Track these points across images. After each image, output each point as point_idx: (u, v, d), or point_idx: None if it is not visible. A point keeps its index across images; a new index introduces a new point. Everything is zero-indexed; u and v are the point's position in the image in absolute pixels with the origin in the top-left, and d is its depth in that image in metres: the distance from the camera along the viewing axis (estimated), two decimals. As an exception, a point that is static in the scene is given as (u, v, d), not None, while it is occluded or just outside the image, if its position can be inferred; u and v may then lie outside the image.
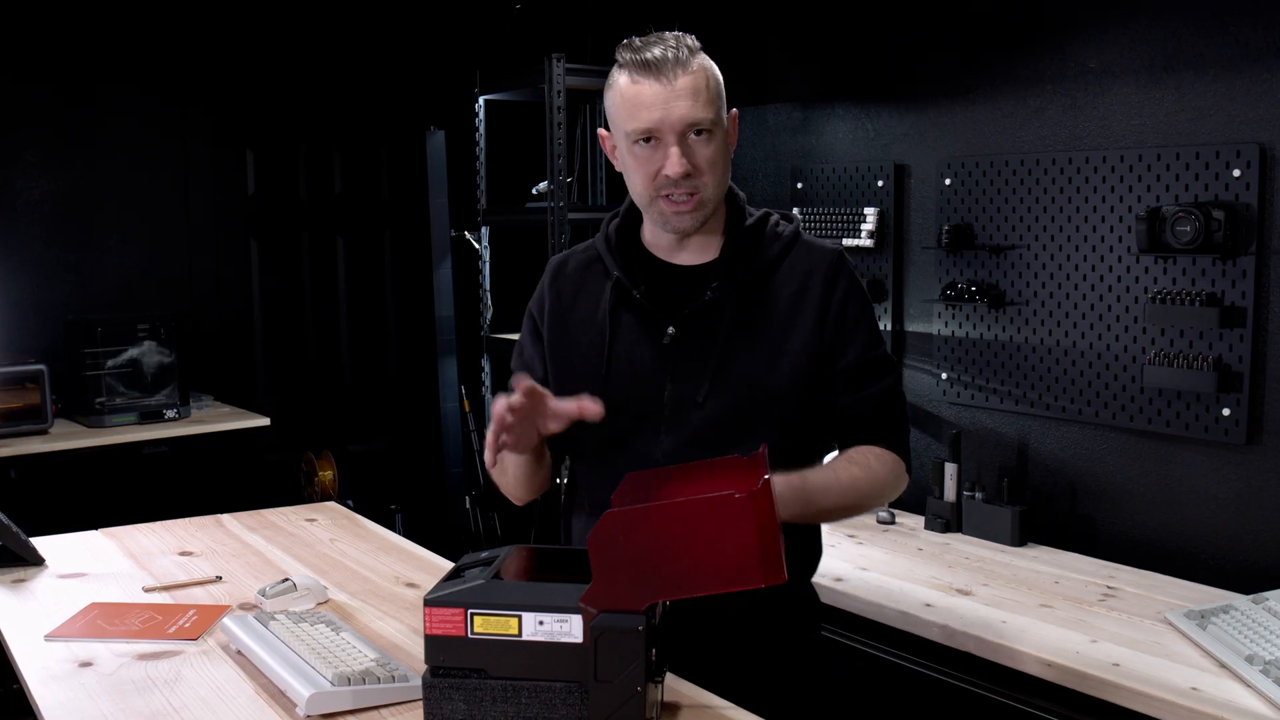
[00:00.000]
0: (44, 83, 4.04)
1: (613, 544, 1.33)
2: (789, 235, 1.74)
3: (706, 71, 1.64)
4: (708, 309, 1.67)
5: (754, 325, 1.67)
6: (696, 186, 1.63)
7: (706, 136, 1.62)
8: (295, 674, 1.56)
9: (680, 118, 1.59)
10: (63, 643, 1.79)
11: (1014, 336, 2.92)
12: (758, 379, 1.65)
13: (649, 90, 1.60)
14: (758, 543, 1.31)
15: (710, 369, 1.65)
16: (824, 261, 1.71)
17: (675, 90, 1.59)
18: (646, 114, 1.60)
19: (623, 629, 1.34)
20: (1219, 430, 2.49)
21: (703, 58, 1.65)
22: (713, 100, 1.62)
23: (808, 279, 1.69)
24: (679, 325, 1.67)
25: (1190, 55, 2.52)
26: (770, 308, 1.68)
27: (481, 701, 1.38)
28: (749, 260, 1.70)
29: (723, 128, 1.65)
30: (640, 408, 1.67)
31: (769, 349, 1.66)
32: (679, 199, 1.63)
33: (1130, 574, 2.56)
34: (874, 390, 1.71)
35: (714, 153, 1.63)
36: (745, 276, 1.69)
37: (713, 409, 1.64)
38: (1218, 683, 1.92)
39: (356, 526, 2.54)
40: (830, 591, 2.50)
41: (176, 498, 3.51)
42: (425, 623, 1.40)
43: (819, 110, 3.46)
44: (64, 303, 4.07)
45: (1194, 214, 2.43)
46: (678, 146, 1.60)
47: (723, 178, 1.67)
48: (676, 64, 1.60)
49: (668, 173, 1.61)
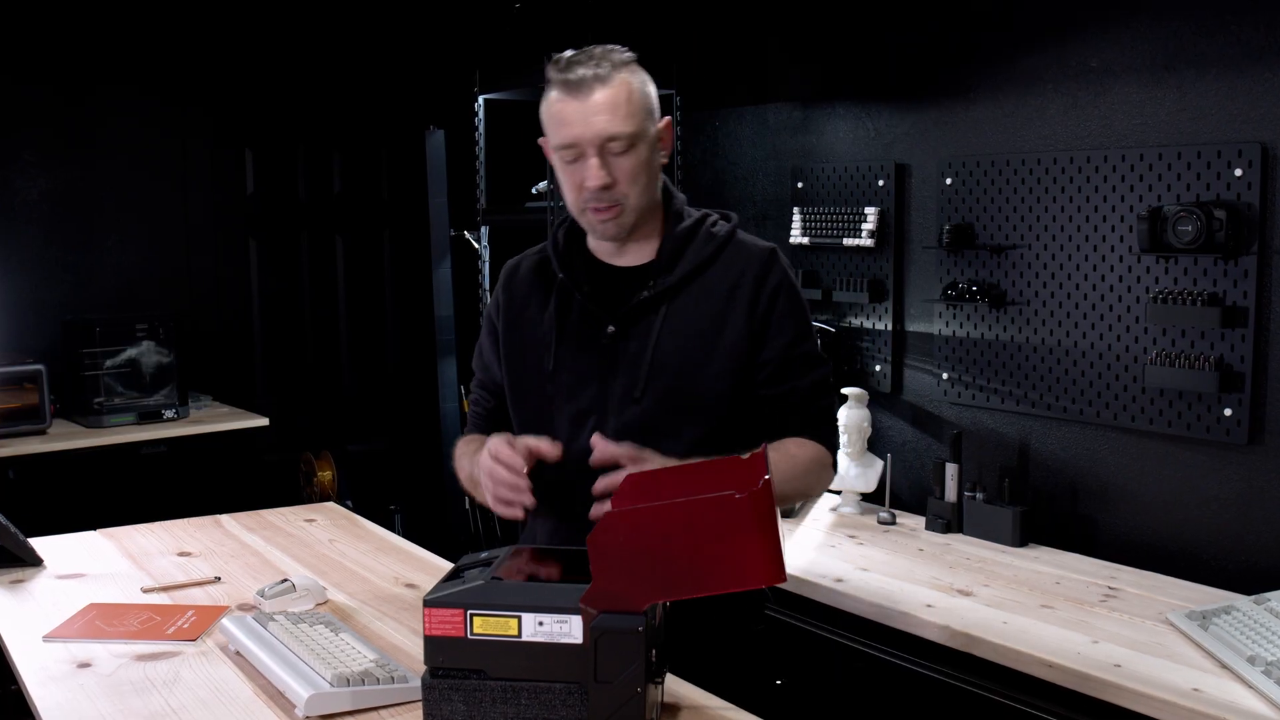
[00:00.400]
0: (42, 82, 4.04)
1: (612, 544, 1.33)
2: (724, 235, 1.81)
3: (629, 86, 1.70)
4: (645, 307, 1.77)
5: (688, 322, 1.76)
6: (617, 197, 1.71)
7: (626, 149, 1.69)
8: (294, 675, 1.56)
9: (597, 133, 1.68)
10: (61, 643, 1.79)
11: (1015, 336, 2.92)
12: (692, 374, 1.75)
13: (571, 106, 1.69)
14: (759, 542, 1.31)
15: (646, 365, 1.74)
16: (756, 259, 1.80)
17: (594, 106, 1.68)
18: (568, 129, 1.69)
19: (622, 630, 1.34)
20: (1220, 430, 2.49)
21: (627, 72, 1.71)
22: (633, 114, 1.69)
23: (740, 276, 1.78)
24: (618, 324, 1.77)
25: (1192, 54, 2.52)
26: (704, 305, 1.77)
27: (481, 702, 1.38)
28: (684, 260, 1.78)
29: (648, 139, 1.72)
30: (583, 404, 1.77)
31: (702, 345, 1.75)
32: (602, 209, 1.72)
33: (1132, 574, 2.56)
34: (802, 384, 1.79)
35: (635, 164, 1.70)
36: (681, 276, 1.77)
37: (649, 403, 1.74)
38: (1219, 684, 1.92)
39: (355, 527, 2.54)
40: (830, 592, 2.50)
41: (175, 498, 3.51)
42: (425, 623, 1.40)
43: (819, 109, 3.46)
44: (62, 302, 4.07)
45: (1195, 213, 2.43)
46: (597, 159, 1.69)
47: (647, 186, 1.74)
48: (596, 81, 1.68)
49: (588, 185, 1.70)
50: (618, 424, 1.74)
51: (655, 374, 1.74)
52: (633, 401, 1.74)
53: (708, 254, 1.78)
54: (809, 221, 3.43)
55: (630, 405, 1.74)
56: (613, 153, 1.69)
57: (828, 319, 3.43)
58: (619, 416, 1.75)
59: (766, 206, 3.67)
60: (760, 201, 3.70)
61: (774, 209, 3.64)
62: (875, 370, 3.30)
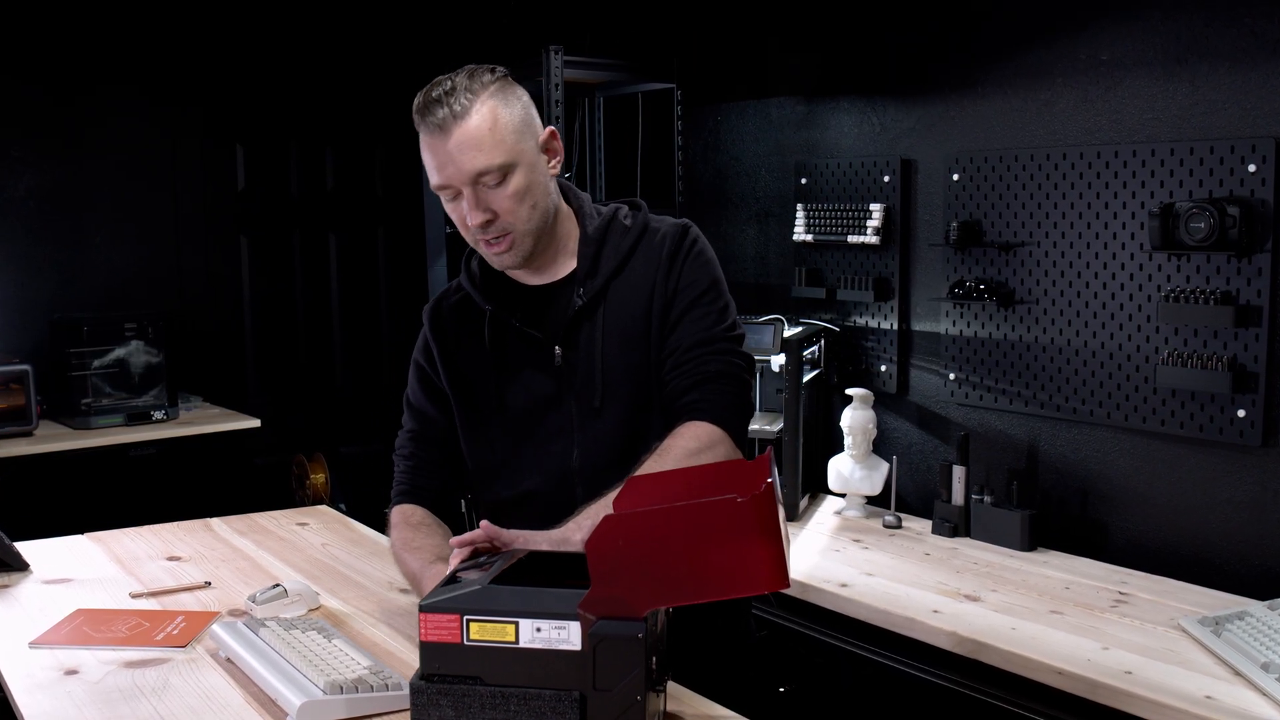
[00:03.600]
0: (29, 78, 4.04)
1: (612, 549, 1.33)
2: (637, 227, 1.81)
3: (493, 114, 1.66)
4: (580, 320, 1.77)
5: (625, 320, 1.77)
6: (503, 228, 1.70)
7: (501, 180, 1.68)
8: (286, 682, 1.55)
9: (465, 172, 1.66)
10: (48, 650, 1.78)
11: (1023, 336, 2.92)
12: (641, 373, 1.76)
13: (437, 148, 1.67)
14: (760, 547, 1.30)
15: (598, 377, 1.75)
16: (669, 238, 1.79)
17: (457, 145, 1.65)
18: (438, 172, 1.68)
19: (622, 636, 1.34)
20: (1234, 432, 2.49)
21: (490, 98, 1.67)
22: (500, 142, 1.66)
23: (658, 259, 1.78)
24: (562, 344, 1.77)
25: (1204, 47, 2.52)
26: (634, 299, 1.77)
27: (470, 708, 1.38)
28: (605, 260, 1.78)
29: (525, 162, 1.69)
30: (549, 428, 1.78)
31: (641, 342, 1.76)
32: (492, 241, 1.72)
33: (1143, 579, 2.56)
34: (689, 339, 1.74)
35: (513, 192, 1.68)
36: (605, 276, 1.78)
37: (611, 413, 1.75)
38: (1232, 691, 1.92)
39: (349, 530, 2.54)
40: (835, 597, 2.50)
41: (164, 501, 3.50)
42: (420, 629, 1.39)
43: (823, 104, 3.46)
44: (49, 301, 4.07)
45: (1208, 210, 2.43)
46: (472, 197, 1.68)
47: (534, 208, 1.72)
48: (453, 119, 1.65)
49: (469, 223, 1.70)
50: (585, 439, 1.76)
51: (610, 383, 1.75)
52: (594, 415, 1.75)
53: (626, 247, 1.79)
54: (813, 218, 3.43)
55: (593, 419, 1.76)
56: (488, 186, 1.67)
57: (831, 318, 3.43)
58: (585, 432, 1.76)
59: (769, 203, 3.67)
60: (763, 198, 3.70)
61: (777, 206, 3.64)
62: (880, 370, 3.30)
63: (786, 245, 3.58)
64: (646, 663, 1.35)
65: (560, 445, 1.78)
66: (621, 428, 1.75)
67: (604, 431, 1.75)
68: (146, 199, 4.30)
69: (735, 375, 1.75)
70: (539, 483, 1.80)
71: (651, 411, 1.76)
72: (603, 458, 1.75)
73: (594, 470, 1.75)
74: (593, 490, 1.71)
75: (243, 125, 4.46)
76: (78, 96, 4.13)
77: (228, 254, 4.48)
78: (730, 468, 1.55)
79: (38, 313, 4.02)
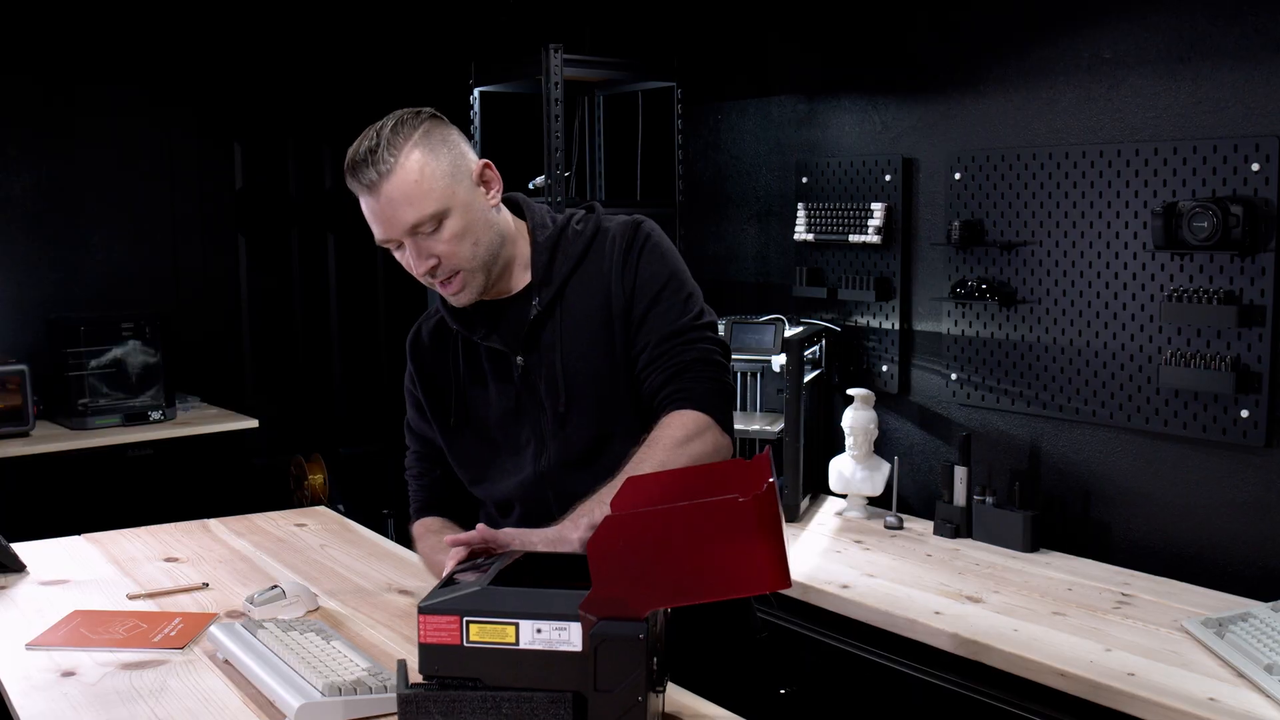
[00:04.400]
0: (25, 75, 4.04)
1: (613, 549, 1.33)
2: (589, 231, 1.82)
3: (419, 165, 1.67)
4: (538, 327, 1.79)
5: (582, 324, 1.78)
6: (450, 269, 1.73)
7: (437, 227, 1.69)
8: (284, 684, 1.56)
9: (400, 226, 1.69)
10: (45, 651, 1.78)
11: (1025, 336, 2.92)
12: (603, 373, 1.77)
13: (369, 206, 1.70)
14: (762, 547, 1.31)
15: (560, 380, 1.77)
16: (620, 235, 1.80)
17: (387, 202, 1.67)
18: (378, 230, 1.72)
19: (624, 637, 1.34)
20: (1237, 432, 2.49)
21: (414, 149, 1.67)
22: (429, 192, 1.67)
23: (610, 259, 1.79)
24: (523, 353, 1.80)
25: (1208, 45, 2.52)
26: (589, 301, 1.79)
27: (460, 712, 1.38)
28: (558, 266, 1.80)
29: (458, 203, 1.70)
30: (522, 438, 1.82)
31: (603, 343, 1.77)
32: (445, 283, 1.75)
33: (1146, 581, 2.56)
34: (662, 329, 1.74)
35: (452, 234, 1.70)
36: (560, 282, 1.79)
37: (577, 418, 1.77)
38: (1236, 693, 1.92)
39: (347, 532, 2.54)
40: (836, 599, 2.50)
41: (162, 502, 3.50)
42: (419, 631, 1.39)
43: (825, 102, 3.46)
44: (46, 301, 4.07)
45: (1212, 209, 2.43)
46: (413, 247, 1.71)
47: (477, 244, 1.73)
48: (379, 178, 1.66)
49: (416, 272, 1.73)
50: (558, 446, 1.78)
51: (572, 384, 1.77)
52: (561, 420, 1.77)
53: (578, 250, 1.80)
54: (814, 218, 3.43)
55: (560, 425, 1.78)
56: (425, 234, 1.69)
57: (832, 318, 3.43)
58: (556, 439, 1.78)
59: (770, 202, 3.67)
60: (763, 197, 3.70)
61: (778, 204, 3.64)
62: (882, 371, 3.30)
63: (787, 244, 3.58)
64: (648, 663, 1.35)
65: (531, 452, 1.81)
66: (589, 430, 1.77)
67: (572, 435, 1.78)
68: (143, 197, 4.29)
69: (711, 360, 1.75)
70: (513, 489, 1.83)
71: (620, 411, 1.78)
72: (573, 460, 1.77)
73: (564, 473, 1.77)
74: (562, 493, 1.73)
75: (240, 123, 4.46)
76: (74, 94, 4.13)
77: (225, 253, 4.48)
78: (728, 467, 1.55)
79: (34, 312, 4.01)
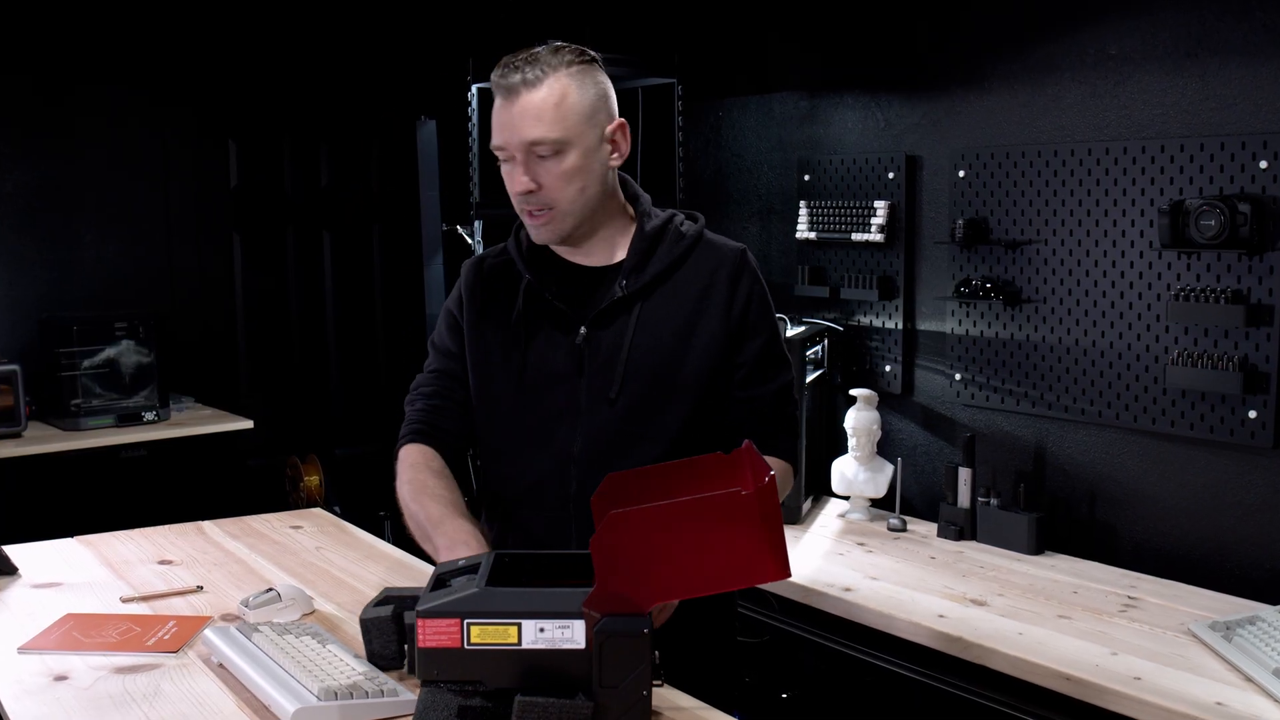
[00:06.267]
0: (18, 72, 4.04)
1: (617, 546, 1.35)
2: (693, 235, 1.85)
3: (565, 89, 1.71)
4: (616, 309, 1.80)
5: (660, 323, 1.80)
6: (546, 201, 1.74)
7: (554, 154, 1.72)
8: (279, 688, 1.56)
9: (521, 139, 1.71)
10: (37, 655, 1.78)
11: (1030, 335, 2.92)
12: (665, 375, 1.79)
13: (502, 112, 1.73)
14: (765, 538, 1.34)
15: (620, 367, 1.78)
16: (729, 260, 1.84)
17: (520, 112, 1.70)
18: (498, 135, 1.74)
19: (630, 633, 1.36)
20: (1245, 433, 2.49)
21: (568, 75, 1.72)
22: (562, 119, 1.70)
23: (712, 277, 1.82)
24: (590, 325, 1.80)
25: (1215, 41, 2.52)
26: (676, 306, 1.81)
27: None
28: (655, 260, 1.82)
29: (584, 144, 1.73)
30: (556, 405, 1.81)
31: (675, 346, 1.79)
32: (533, 212, 1.76)
33: (1152, 583, 2.56)
34: (768, 388, 1.85)
35: (565, 170, 1.72)
36: (653, 275, 1.81)
37: (624, 405, 1.78)
38: (1243, 697, 1.92)
39: (344, 534, 2.54)
40: (839, 602, 2.51)
41: (155, 504, 3.51)
42: (418, 635, 1.40)
43: (827, 99, 3.46)
44: (38, 300, 4.07)
45: (1219, 207, 2.43)
46: (524, 163, 1.72)
47: (583, 190, 1.75)
48: (524, 85, 1.70)
49: (514, 190, 1.75)
50: (591, 425, 1.78)
51: (631, 375, 1.78)
52: (607, 403, 1.78)
53: (678, 254, 1.82)
54: (816, 216, 3.43)
55: (604, 406, 1.78)
56: (539, 156, 1.71)
57: (835, 317, 3.43)
58: (592, 417, 1.78)
59: (772, 200, 3.67)
60: (765, 195, 3.70)
61: (779, 202, 3.64)
62: (885, 371, 3.30)
63: (789, 243, 3.58)
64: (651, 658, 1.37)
65: (565, 429, 1.80)
66: (628, 422, 1.78)
67: (610, 421, 1.78)
68: (137, 196, 4.30)
69: (797, 418, 1.91)
70: (540, 468, 1.81)
71: (664, 419, 1.78)
72: (605, 447, 1.77)
73: (593, 458, 1.77)
74: (587, 479, 1.74)
75: (235, 120, 4.46)
76: (67, 91, 4.13)
77: (220, 252, 4.48)
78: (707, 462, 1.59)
79: (27, 312, 4.02)
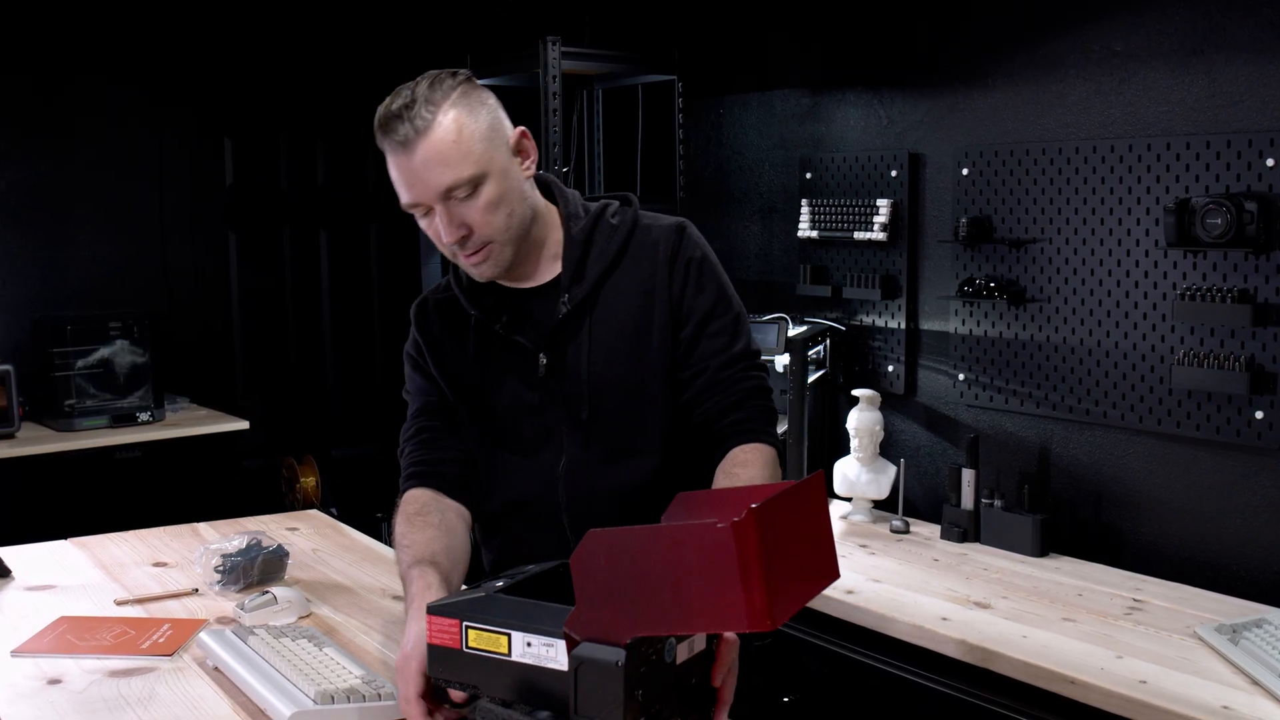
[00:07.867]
0: (12, 70, 4.04)
1: (594, 565, 1.26)
2: (626, 225, 1.77)
3: (456, 125, 1.62)
4: (567, 328, 1.74)
5: (613, 332, 1.74)
6: (480, 240, 1.67)
7: (471, 192, 1.64)
8: (276, 692, 1.56)
9: (434, 189, 1.62)
10: (30, 659, 1.78)
11: (1035, 335, 2.92)
12: (632, 383, 1.74)
13: (401, 169, 1.64)
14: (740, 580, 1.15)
15: (585, 388, 1.73)
16: (665, 239, 1.76)
17: (422, 161, 1.61)
18: (406, 192, 1.65)
19: (600, 661, 1.26)
20: (1251, 434, 2.49)
21: (451, 108, 1.63)
22: (467, 155, 1.62)
23: (653, 262, 1.75)
24: (546, 351, 1.75)
25: (1221, 38, 2.52)
26: (624, 308, 1.74)
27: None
28: (591, 264, 1.75)
29: (495, 169, 1.65)
30: (533, 433, 1.78)
31: (632, 351, 1.74)
32: (470, 254, 1.69)
33: (1158, 586, 2.56)
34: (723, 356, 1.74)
35: (488, 202, 1.65)
36: (593, 281, 1.74)
37: (598, 424, 1.74)
38: (1250, 701, 1.92)
39: (340, 535, 2.54)
40: (841, 604, 2.50)
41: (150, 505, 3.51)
42: (428, 630, 1.40)
43: (829, 96, 3.46)
44: (32, 299, 4.07)
45: (1225, 206, 2.43)
46: (444, 214, 1.64)
47: (510, 214, 1.68)
48: (415, 133, 1.61)
49: (444, 240, 1.67)
50: (572, 445, 1.75)
51: (596, 393, 1.73)
52: (579, 426, 1.74)
53: (614, 251, 1.75)
54: (818, 214, 3.43)
55: (577, 431, 1.75)
56: (459, 200, 1.63)
57: (837, 317, 3.43)
58: (571, 439, 1.75)
59: (773, 198, 3.67)
60: (767, 193, 3.70)
61: (781, 201, 3.64)
62: (888, 371, 3.30)
63: (791, 242, 3.58)
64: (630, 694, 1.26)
65: (547, 454, 1.77)
66: (607, 439, 1.75)
67: (589, 440, 1.75)
68: (132, 194, 4.30)
69: (767, 389, 1.78)
70: (525, 490, 1.80)
71: (646, 423, 1.75)
72: (590, 465, 1.75)
73: (579, 477, 1.75)
74: (576, 497, 1.73)
75: (231, 118, 4.46)
76: (62, 89, 4.13)
77: (215, 251, 4.48)
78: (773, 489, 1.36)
79: (20, 311, 4.01)
